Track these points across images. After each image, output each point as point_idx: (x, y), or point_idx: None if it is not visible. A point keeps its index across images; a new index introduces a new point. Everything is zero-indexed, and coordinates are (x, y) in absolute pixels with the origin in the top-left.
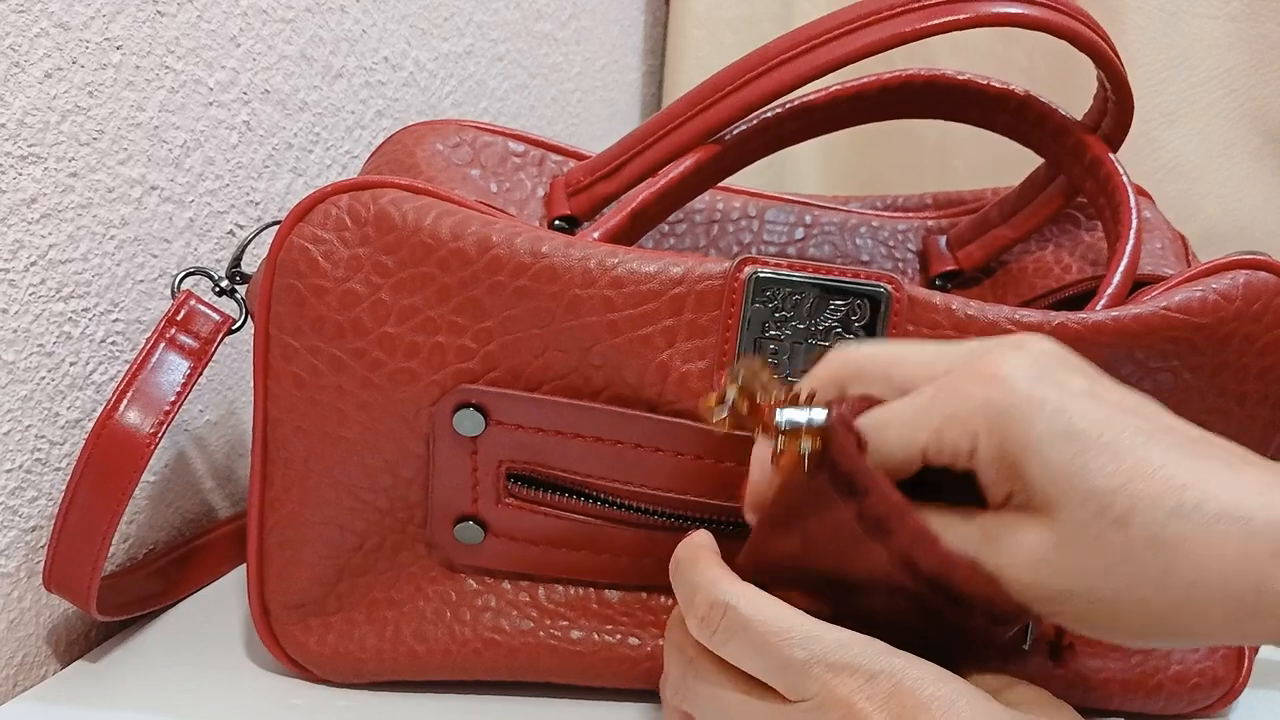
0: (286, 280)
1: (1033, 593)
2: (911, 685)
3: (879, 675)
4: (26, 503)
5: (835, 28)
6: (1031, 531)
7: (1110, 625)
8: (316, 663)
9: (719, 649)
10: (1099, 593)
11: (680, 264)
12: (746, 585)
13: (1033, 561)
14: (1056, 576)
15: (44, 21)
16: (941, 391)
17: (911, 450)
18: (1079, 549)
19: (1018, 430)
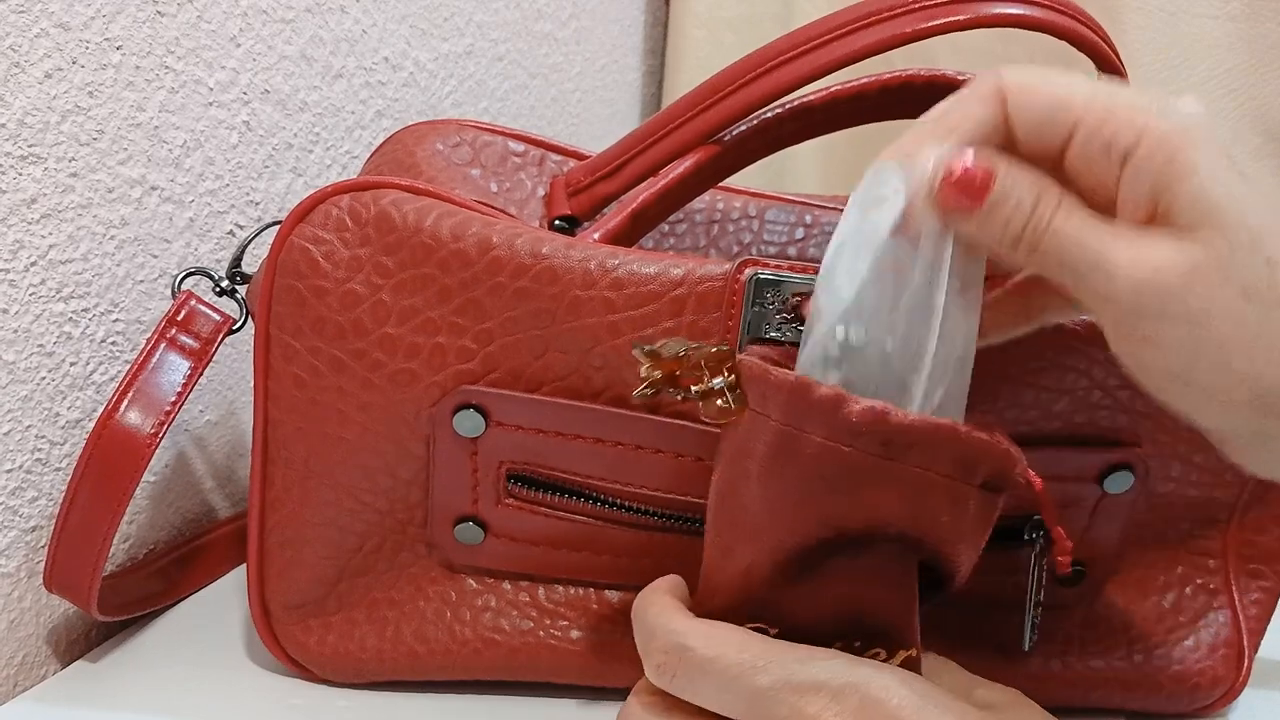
0: (287, 281)
1: (1140, 293)
2: (879, 694)
3: (844, 689)
4: (27, 503)
5: (835, 28)
6: (1167, 241)
7: (1185, 364)
8: (317, 663)
9: (682, 693)
10: (1209, 321)
11: (681, 266)
12: (701, 620)
13: (1159, 263)
14: (1179, 284)
15: (44, 22)
16: (1120, 91)
17: (1057, 122)
18: (1214, 270)
19: (1189, 151)
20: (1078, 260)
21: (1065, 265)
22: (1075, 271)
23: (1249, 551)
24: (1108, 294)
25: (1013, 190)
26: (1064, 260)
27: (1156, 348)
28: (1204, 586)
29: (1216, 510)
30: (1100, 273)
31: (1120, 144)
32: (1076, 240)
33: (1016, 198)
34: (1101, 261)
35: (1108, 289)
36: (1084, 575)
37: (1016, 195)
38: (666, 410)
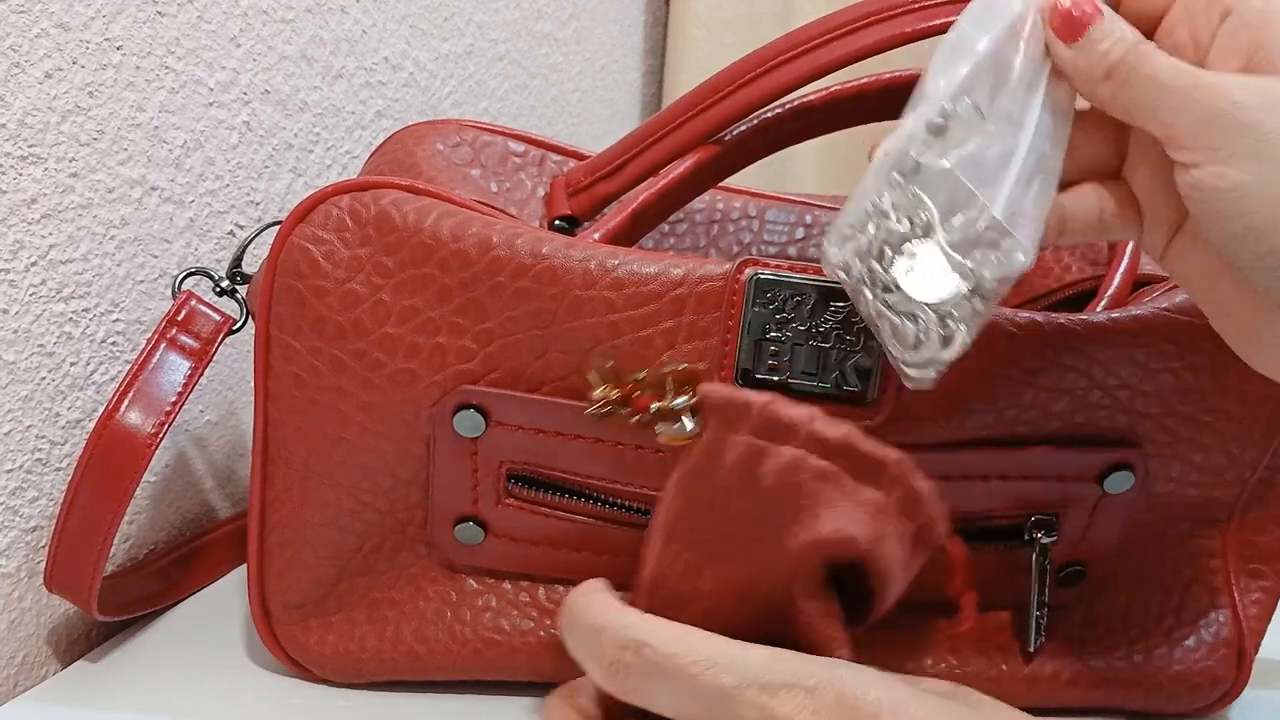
0: (287, 281)
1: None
2: (855, 693)
3: (819, 688)
4: (27, 503)
5: (835, 28)
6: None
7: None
8: (317, 663)
9: (634, 696)
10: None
11: (681, 265)
12: (655, 618)
13: (1259, 87)
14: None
15: (44, 22)
16: None
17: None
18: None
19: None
20: (1174, 84)
21: (1161, 90)
22: (1169, 96)
23: (1249, 551)
24: (1202, 117)
25: (1115, 26)
26: (1160, 85)
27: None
28: (1204, 587)
29: (1216, 510)
30: (1197, 93)
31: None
32: (1172, 68)
33: (1119, 33)
34: (1200, 83)
35: (1203, 111)
36: (1084, 575)
37: (1119, 31)
38: None
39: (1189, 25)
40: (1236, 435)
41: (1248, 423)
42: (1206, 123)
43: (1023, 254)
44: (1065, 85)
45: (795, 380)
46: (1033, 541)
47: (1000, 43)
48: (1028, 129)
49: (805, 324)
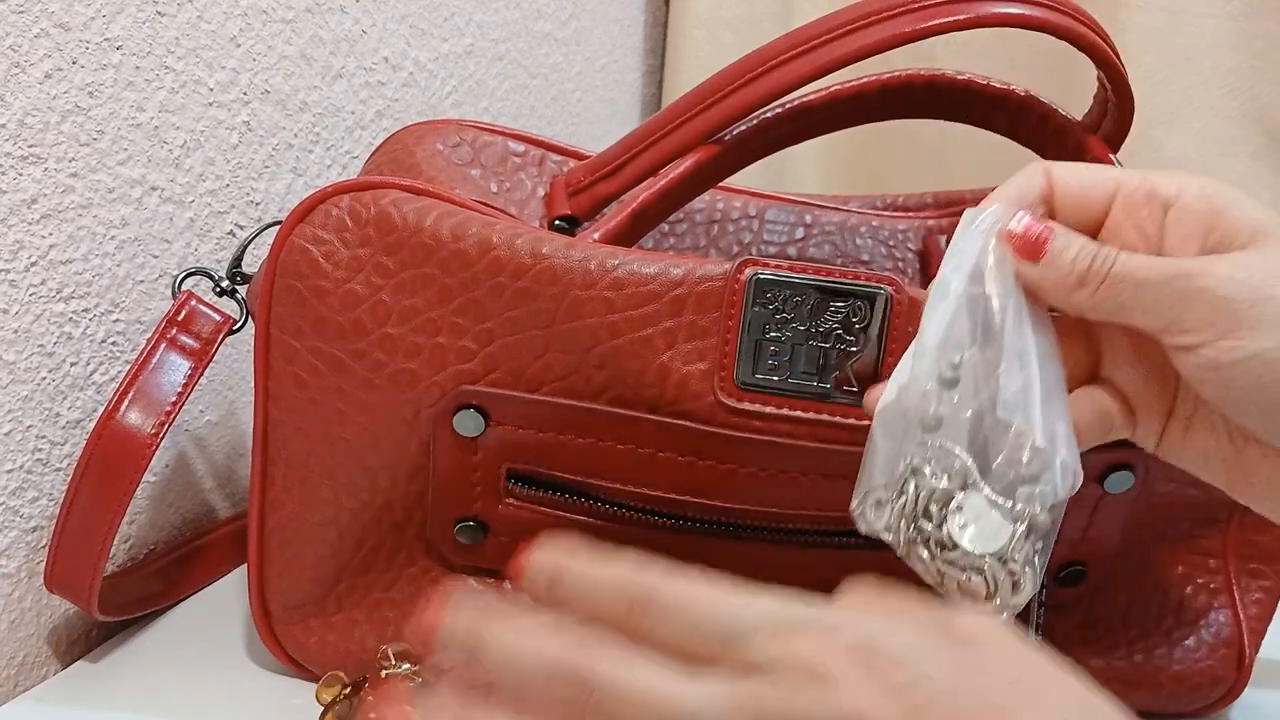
0: (287, 281)
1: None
2: (877, 639)
3: (837, 628)
4: (27, 503)
5: (835, 28)
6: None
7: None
8: (317, 663)
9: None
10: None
11: (681, 265)
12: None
13: (1238, 262)
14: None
15: (44, 22)
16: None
17: (1110, 182)
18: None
19: (1227, 190)
20: (1154, 278)
21: (1142, 286)
22: (1153, 290)
23: (1249, 551)
24: (1194, 301)
25: (1072, 238)
26: (1140, 282)
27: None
28: (1204, 586)
29: (1217, 510)
30: (1181, 280)
31: (1162, 193)
32: (1147, 264)
33: (1079, 241)
34: (1181, 271)
35: (1193, 295)
36: (1084, 575)
37: (1079, 240)
38: (666, 410)
39: (1133, 223)
40: None
41: None
42: (1199, 304)
43: (1073, 474)
44: (1040, 302)
45: (795, 380)
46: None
47: (974, 279)
48: (1031, 354)
49: (805, 324)
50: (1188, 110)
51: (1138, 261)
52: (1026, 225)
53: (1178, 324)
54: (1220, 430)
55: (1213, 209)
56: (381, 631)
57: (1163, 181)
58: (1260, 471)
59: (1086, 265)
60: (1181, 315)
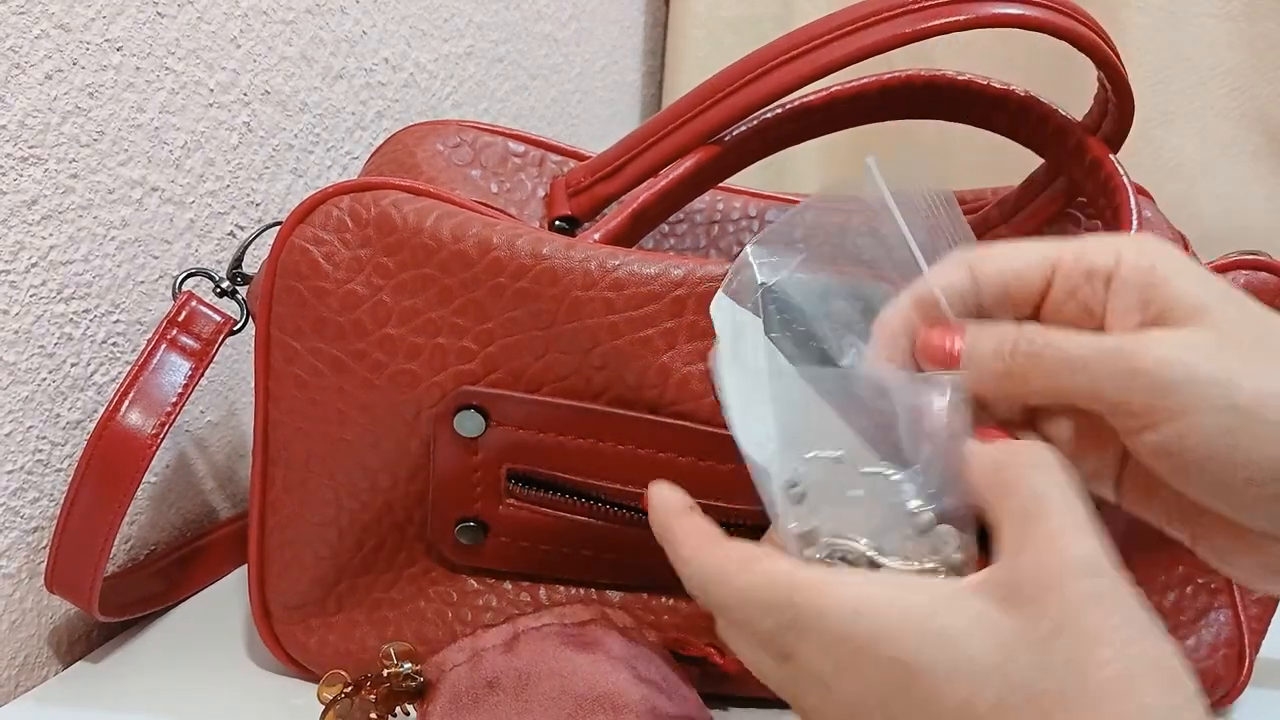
0: (288, 281)
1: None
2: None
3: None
4: (28, 504)
5: (835, 29)
6: (1182, 330)
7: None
8: (317, 663)
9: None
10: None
11: (681, 266)
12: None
13: (1175, 341)
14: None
15: (45, 23)
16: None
17: (1044, 262)
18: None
19: (1168, 253)
20: (1088, 356)
21: (1077, 366)
22: (1090, 369)
23: None
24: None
25: (986, 330)
26: (1073, 360)
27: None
28: (1205, 586)
29: None
30: (1115, 358)
31: (1101, 265)
32: (1078, 341)
33: (996, 335)
34: (1115, 348)
35: (1130, 375)
36: None
37: (994, 333)
38: (667, 410)
39: (1074, 300)
40: None
41: None
42: (1138, 386)
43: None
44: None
45: None
46: None
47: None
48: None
49: (805, 324)
50: (1188, 110)
51: (1069, 339)
52: (925, 339)
53: (1121, 407)
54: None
55: (1150, 281)
56: (382, 631)
57: (1099, 254)
58: (1220, 536)
59: (1008, 350)
60: (1124, 399)
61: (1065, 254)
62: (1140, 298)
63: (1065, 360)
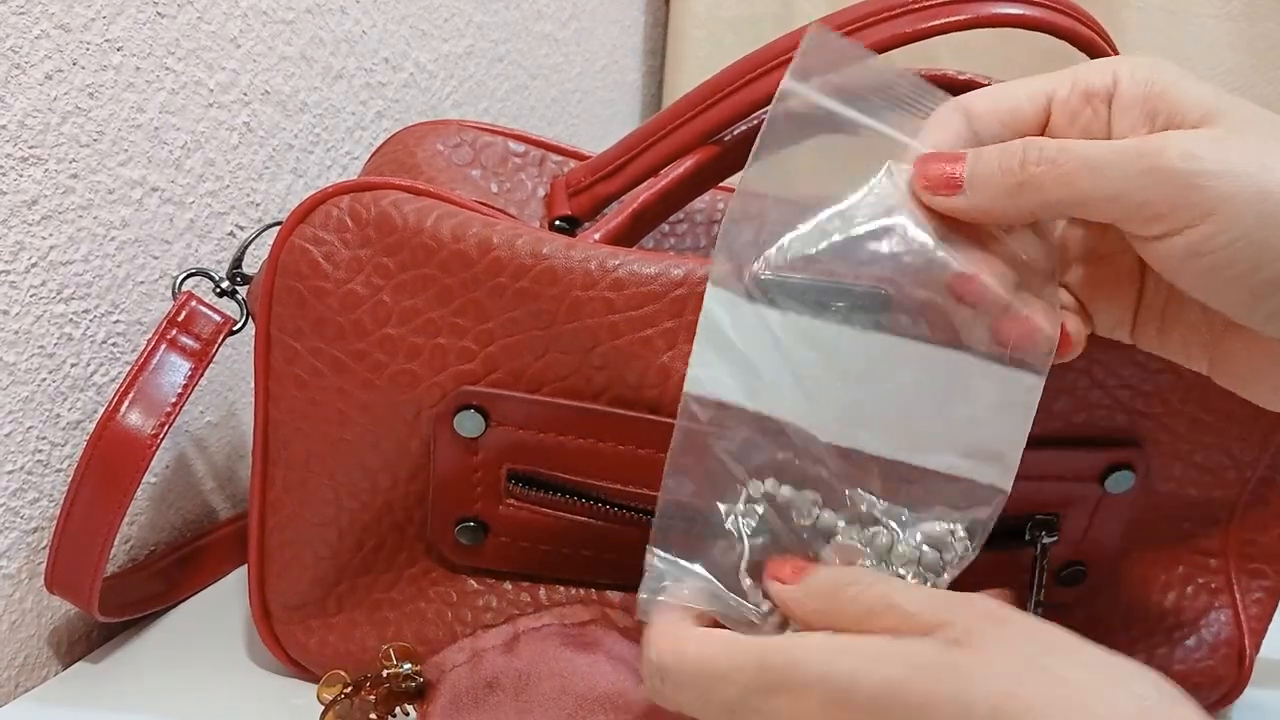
0: (287, 281)
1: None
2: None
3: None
4: (28, 504)
5: (835, 28)
6: (1192, 131)
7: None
8: (317, 663)
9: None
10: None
11: (681, 266)
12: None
13: (1198, 138)
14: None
15: (44, 23)
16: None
17: (1039, 94)
18: (1254, 133)
19: (1167, 68)
20: (1110, 159)
21: (1098, 171)
22: (1111, 173)
23: (1250, 550)
24: (1158, 182)
25: (989, 151)
26: (1094, 166)
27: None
28: (1205, 586)
29: (1217, 509)
30: (1139, 160)
31: (1100, 86)
32: (1096, 147)
33: (1001, 151)
34: (1136, 150)
35: (1156, 175)
36: (1084, 575)
37: (999, 150)
38: (667, 410)
39: (1076, 126)
40: (1237, 434)
41: (1248, 422)
42: (1165, 186)
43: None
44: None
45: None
46: (1033, 541)
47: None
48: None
49: None
50: None
51: (1084, 144)
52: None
53: (1146, 209)
54: (1198, 318)
55: (1152, 91)
56: (382, 631)
57: (1095, 75)
58: (1242, 357)
59: (1017, 163)
60: (1149, 200)
61: (1060, 82)
62: (1145, 110)
63: (1084, 162)
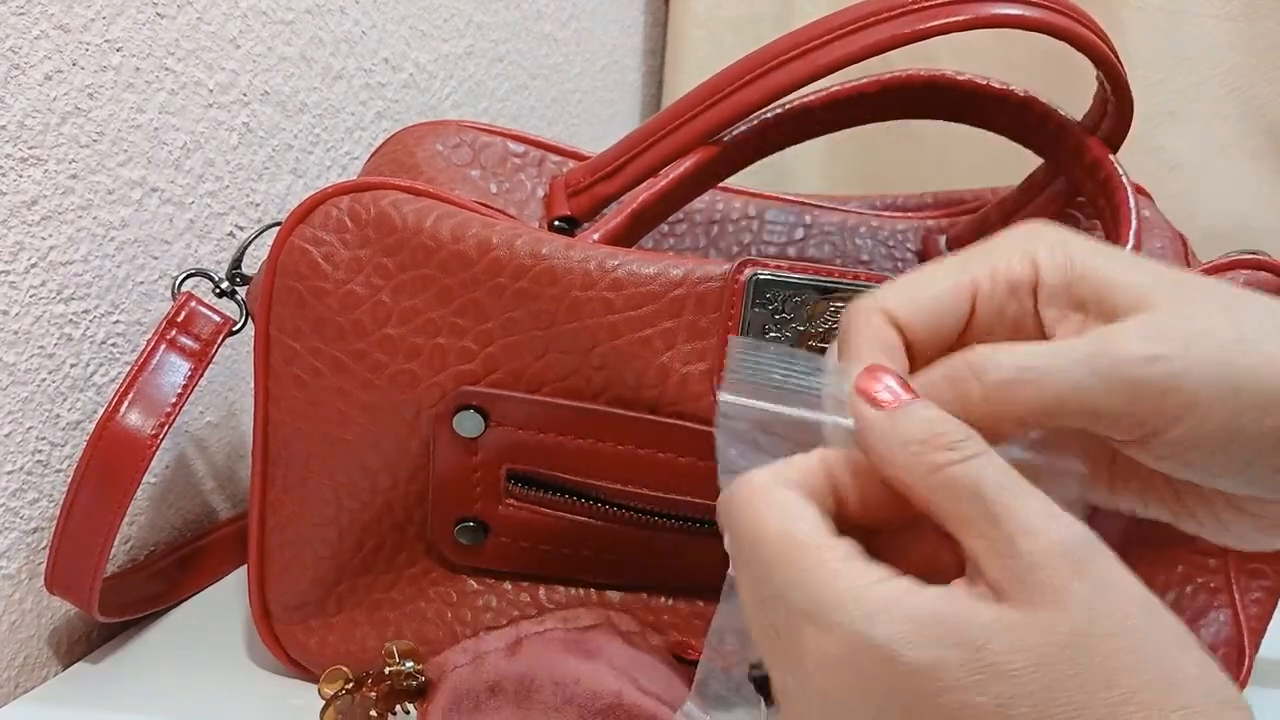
0: (287, 282)
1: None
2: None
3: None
4: (28, 505)
5: (835, 29)
6: (1140, 318)
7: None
8: (317, 663)
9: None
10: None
11: (680, 266)
12: None
13: (1160, 332)
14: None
15: (44, 24)
16: (980, 247)
17: (960, 292)
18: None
19: (1080, 244)
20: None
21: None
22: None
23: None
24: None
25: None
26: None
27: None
28: (1204, 586)
29: None
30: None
31: (1022, 278)
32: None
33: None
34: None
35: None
36: None
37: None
38: (666, 410)
39: (1005, 322)
40: None
41: None
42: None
43: None
44: None
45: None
46: None
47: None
48: None
49: (804, 324)
50: (1188, 110)
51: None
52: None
53: (1125, 419)
54: (1155, 479)
55: (1072, 276)
56: (382, 632)
57: (1015, 265)
58: (1201, 513)
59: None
60: (1126, 409)
61: (979, 273)
62: (1071, 298)
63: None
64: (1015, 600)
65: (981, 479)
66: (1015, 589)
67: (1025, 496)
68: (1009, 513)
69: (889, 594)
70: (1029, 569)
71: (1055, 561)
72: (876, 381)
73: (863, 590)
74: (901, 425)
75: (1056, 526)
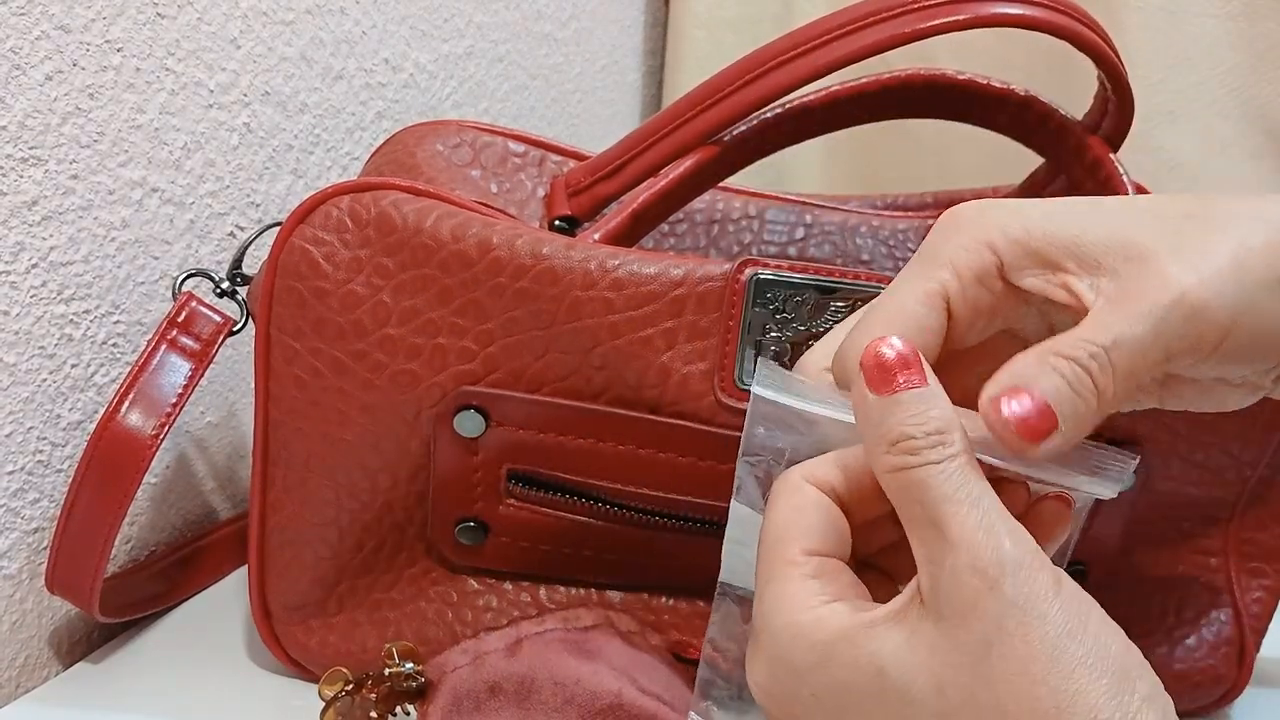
0: (287, 282)
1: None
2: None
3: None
4: (28, 505)
5: (835, 28)
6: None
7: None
8: (318, 663)
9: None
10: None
11: (681, 266)
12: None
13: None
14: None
15: (45, 24)
16: (924, 254)
17: (933, 300)
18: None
19: (1026, 211)
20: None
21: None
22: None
23: (1250, 549)
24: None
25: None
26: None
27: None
28: (1205, 585)
29: (1217, 509)
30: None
31: (988, 264)
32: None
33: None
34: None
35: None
36: (1084, 575)
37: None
38: (667, 410)
39: (980, 312)
40: (1237, 434)
41: (1248, 421)
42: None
43: None
44: None
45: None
46: None
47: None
48: None
49: (805, 324)
50: (1188, 110)
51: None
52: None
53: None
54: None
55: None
56: (382, 632)
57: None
58: (1187, 393)
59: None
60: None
61: (944, 278)
62: (1040, 260)
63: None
64: (932, 611)
65: (928, 485)
66: (932, 599)
67: (968, 507)
68: (944, 521)
69: (820, 616)
70: (948, 580)
71: (969, 577)
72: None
73: (800, 610)
74: (886, 425)
75: (984, 540)
